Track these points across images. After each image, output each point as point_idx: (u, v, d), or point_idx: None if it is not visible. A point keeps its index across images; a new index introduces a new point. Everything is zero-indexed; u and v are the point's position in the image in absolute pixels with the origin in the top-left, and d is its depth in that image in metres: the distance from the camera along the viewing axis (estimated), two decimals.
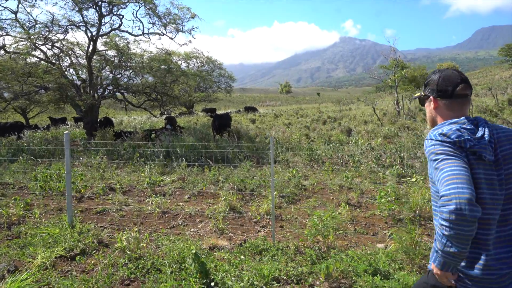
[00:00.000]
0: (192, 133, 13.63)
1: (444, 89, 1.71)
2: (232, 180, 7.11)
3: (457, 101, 1.70)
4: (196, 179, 7.59)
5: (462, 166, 1.48)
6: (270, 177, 7.47)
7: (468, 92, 1.71)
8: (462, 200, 1.38)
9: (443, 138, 1.58)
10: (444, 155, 1.52)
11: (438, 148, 1.56)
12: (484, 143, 1.54)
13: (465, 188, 1.40)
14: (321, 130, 16.24)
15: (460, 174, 1.44)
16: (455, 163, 1.49)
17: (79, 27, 14.91)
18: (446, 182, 1.44)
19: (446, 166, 1.49)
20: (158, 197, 6.53)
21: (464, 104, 1.72)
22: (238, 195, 6.46)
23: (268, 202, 5.97)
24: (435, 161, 1.55)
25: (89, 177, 7.99)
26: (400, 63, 17.62)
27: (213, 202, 6.32)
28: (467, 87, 1.70)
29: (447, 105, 1.72)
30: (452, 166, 1.47)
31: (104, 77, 16.51)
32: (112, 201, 6.37)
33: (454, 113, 1.71)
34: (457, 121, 1.64)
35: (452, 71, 1.74)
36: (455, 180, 1.42)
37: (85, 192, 6.82)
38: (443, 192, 1.44)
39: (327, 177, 7.72)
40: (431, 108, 1.81)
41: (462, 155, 1.53)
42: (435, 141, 1.60)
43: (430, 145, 1.62)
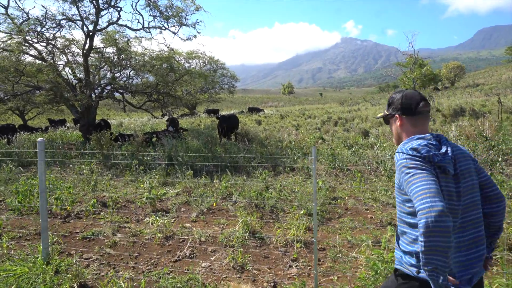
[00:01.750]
0: (197, 136, 12.51)
1: (408, 107, 1.84)
2: (248, 193, 5.97)
3: (419, 118, 1.83)
4: (205, 191, 6.45)
5: (432, 179, 1.58)
6: (292, 190, 6.34)
7: (428, 109, 1.85)
8: (436, 213, 1.45)
9: (414, 152, 1.67)
10: (416, 169, 1.62)
11: (410, 162, 1.66)
12: (448, 158, 1.67)
13: (437, 201, 1.49)
14: (335, 132, 15.09)
15: (432, 187, 1.54)
16: (426, 177, 1.59)
17: (74, 21, 13.81)
18: (420, 197, 1.53)
19: (418, 180, 1.58)
20: (159, 215, 5.40)
21: (426, 120, 1.85)
22: (256, 212, 5.33)
23: (295, 223, 4.84)
24: (407, 174, 1.64)
25: (79, 188, 6.87)
26: (418, 61, 16.43)
27: (226, 222, 5.18)
28: (427, 104, 1.83)
29: (411, 122, 1.84)
30: (424, 180, 1.57)
31: (102, 76, 15.41)
32: (104, 221, 5.24)
33: (417, 128, 1.83)
34: (424, 136, 1.75)
35: (412, 91, 1.90)
36: (428, 194, 1.52)
37: (72, 209, 5.69)
38: (419, 207, 1.51)
39: (358, 188, 6.58)
40: (396, 125, 1.91)
41: (431, 168, 1.63)
42: (407, 155, 1.69)
43: (402, 158, 1.70)
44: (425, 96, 1.85)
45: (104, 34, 14.60)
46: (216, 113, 36.65)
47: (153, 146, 10.81)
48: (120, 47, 14.42)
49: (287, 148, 9.54)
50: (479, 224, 1.73)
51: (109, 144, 10.93)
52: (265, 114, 33.37)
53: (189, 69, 15.73)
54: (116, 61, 15.14)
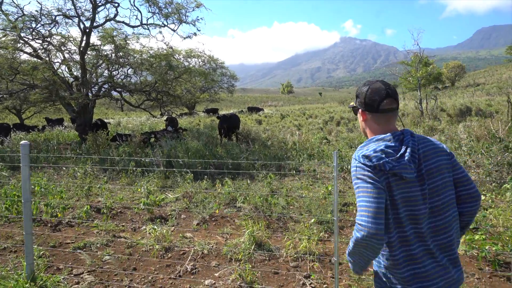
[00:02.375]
0: (197, 137, 12.09)
1: (371, 103, 1.69)
2: (253, 199, 5.57)
3: (383, 115, 1.68)
4: (206, 196, 6.05)
5: (375, 196, 1.53)
6: (299, 195, 5.94)
7: (394, 106, 1.68)
8: (367, 234, 1.49)
9: (365, 161, 1.58)
10: (362, 181, 1.57)
11: (359, 172, 1.60)
12: (403, 162, 1.55)
13: (373, 224, 1.49)
14: (339, 132, 14.69)
15: (372, 206, 1.51)
16: (371, 192, 1.54)
17: (70, 18, 13.37)
18: (360, 212, 1.54)
19: (362, 194, 1.56)
20: (157, 223, 5.00)
21: (390, 118, 1.70)
22: (263, 220, 4.93)
23: (306, 233, 4.44)
24: (355, 184, 1.61)
25: (72, 192, 6.45)
26: (424, 59, 16.06)
27: (231, 232, 4.77)
28: (392, 101, 1.68)
29: (374, 119, 1.71)
30: (367, 197, 1.54)
31: (99, 74, 14.96)
32: (97, 230, 4.84)
33: (380, 126, 1.70)
34: (383, 137, 1.63)
35: (380, 85, 1.71)
36: (367, 213, 1.51)
37: (64, 216, 5.28)
38: (358, 220, 1.54)
39: None
40: (360, 120, 1.81)
41: (381, 179, 1.55)
42: (358, 162, 1.62)
43: (353, 165, 1.65)
44: (393, 91, 1.68)
45: (102, 31, 14.17)
46: (215, 112, 36.21)
47: (151, 147, 10.40)
48: (117, 44, 13.99)
49: (292, 149, 9.13)
50: (450, 228, 1.63)
51: (106, 144, 10.51)
52: (265, 113, 32.96)
53: (189, 67, 15.27)
54: (114, 58, 14.70)
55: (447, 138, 10.69)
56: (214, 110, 37.58)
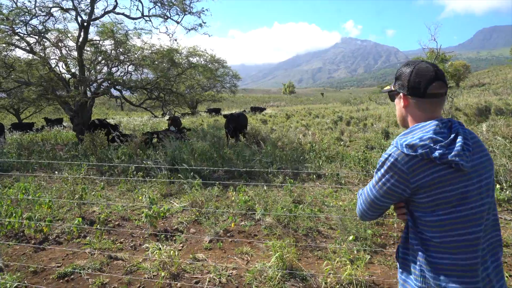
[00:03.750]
0: (202, 137, 11.27)
1: (416, 86, 1.46)
2: (274, 209, 4.74)
3: (430, 101, 1.46)
4: (218, 206, 5.22)
5: (385, 200, 1.45)
6: (324, 203, 5.11)
7: (443, 91, 1.46)
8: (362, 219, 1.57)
9: (408, 151, 1.36)
10: (387, 175, 1.41)
11: (392, 163, 1.39)
12: (458, 149, 1.32)
13: (366, 217, 1.54)
14: (352, 132, 13.85)
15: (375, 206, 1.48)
16: (386, 192, 1.43)
17: (67, 10, 12.56)
18: (362, 198, 1.52)
19: (376, 188, 1.46)
20: (162, 240, 4.18)
21: (438, 105, 1.47)
22: (289, 237, 4.10)
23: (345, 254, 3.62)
24: (378, 172, 1.46)
25: (64, 200, 5.63)
26: (440, 56, 15.24)
27: (252, 251, 3.94)
28: (442, 85, 1.45)
29: (418, 105, 1.48)
30: (377, 193, 1.46)
31: (98, 71, 14.14)
32: (90, 249, 4.01)
33: (425, 113, 1.48)
34: (430, 123, 1.41)
35: (426, 65, 1.48)
36: (367, 208, 1.50)
37: (51, 231, 4.45)
38: (358, 198, 1.56)
39: None
40: (400, 106, 1.56)
41: (417, 178, 1.35)
42: (397, 150, 1.40)
43: (388, 153, 1.43)
44: (442, 74, 1.45)
45: (101, 27, 13.37)
46: (217, 112, 35.46)
47: (154, 147, 9.58)
48: (117, 39, 13.18)
49: (310, 151, 8.30)
50: (499, 226, 1.46)
51: (104, 145, 9.70)
52: (269, 113, 32.16)
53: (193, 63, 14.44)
54: (114, 55, 13.90)
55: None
56: (216, 110, 36.83)
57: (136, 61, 13.98)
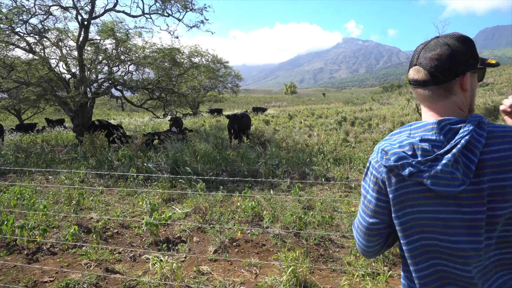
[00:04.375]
0: (204, 138, 10.99)
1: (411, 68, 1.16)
2: (284, 217, 4.45)
3: (414, 91, 1.15)
4: (223, 212, 4.93)
5: (370, 214, 1.18)
6: (335, 209, 4.83)
7: (419, 78, 1.10)
8: (360, 251, 1.30)
9: (382, 157, 1.12)
10: (364, 186, 1.22)
11: (369, 171, 1.19)
12: (438, 168, 1.00)
13: (361, 244, 1.26)
14: (357, 133, 13.55)
15: (362, 225, 1.22)
16: (366, 206, 1.20)
17: (66, 9, 12.31)
18: (355, 221, 1.29)
19: (360, 204, 1.25)
20: (164, 249, 3.90)
21: (427, 97, 1.10)
22: (300, 247, 3.81)
23: (361, 266, 3.33)
24: (362, 186, 1.25)
25: (61, 205, 5.35)
26: None
27: (260, 263, 3.65)
28: (416, 70, 1.11)
29: (416, 96, 1.16)
30: (361, 210, 1.23)
31: (98, 70, 13.88)
32: (87, 260, 3.73)
33: (425, 108, 1.14)
34: (425, 125, 1.07)
35: (433, 40, 1.10)
36: (358, 230, 1.26)
37: (45, 241, 4.17)
38: (354, 230, 1.31)
39: None
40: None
41: (393, 188, 1.09)
42: (375, 157, 1.17)
43: (370, 158, 1.20)
44: (425, 58, 1.07)
45: (102, 26, 13.11)
46: (219, 112, 35.20)
47: (155, 149, 9.31)
48: (118, 38, 12.93)
49: (318, 153, 8.00)
50: None
51: (106, 146, 9.43)
52: (271, 114, 31.87)
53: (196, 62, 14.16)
54: (114, 54, 13.64)
55: None
56: (218, 110, 36.58)
57: (137, 60, 13.73)
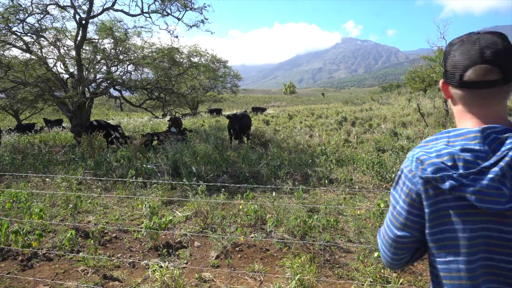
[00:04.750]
0: (204, 138, 10.85)
1: (452, 71, 1.02)
2: (287, 220, 4.32)
3: (468, 94, 0.99)
4: (225, 215, 4.80)
5: (400, 227, 1.07)
6: (340, 212, 4.70)
7: (488, 79, 0.95)
8: (385, 263, 1.19)
9: (417, 167, 1.00)
10: (395, 196, 1.09)
11: (401, 180, 1.07)
12: (484, 183, 0.89)
13: (388, 257, 1.15)
14: (358, 133, 13.42)
15: (390, 238, 1.10)
16: (395, 218, 1.08)
17: (64, 8, 12.16)
18: (381, 232, 1.17)
19: (388, 214, 1.12)
20: (164, 255, 3.76)
21: (485, 100, 0.98)
22: (305, 253, 3.68)
23: (370, 274, 3.20)
24: (391, 192, 1.13)
25: (58, 208, 5.21)
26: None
27: (264, 270, 3.51)
28: (488, 70, 0.95)
29: (458, 98, 1.03)
30: (389, 221, 1.11)
31: (97, 70, 13.72)
32: (84, 266, 3.59)
33: (468, 113, 1.01)
34: (466, 133, 0.96)
35: (477, 38, 0.99)
36: (385, 243, 1.14)
37: (41, 246, 4.03)
38: (378, 235, 1.20)
39: None
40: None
41: (430, 202, 0.98)
42: (408, 166, 1.04)
43: (402, 167, 1.08)
44: (497, 53, 0.94)
45: (100, 25, 12.95)
46: (218, 112, 35.06)
47: (154, 150, 9.17)
48: (116, 37, 12.77)
49: (321, 154, 7.87)
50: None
51: (104, 147, 9.28)
52: (271, 114, 31.75)
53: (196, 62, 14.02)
54: (113, 53, 13.49)
55: None
56: (217, 110, 36.43)
57: (136, 60, 13.58)
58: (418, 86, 40.26)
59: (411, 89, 42.51)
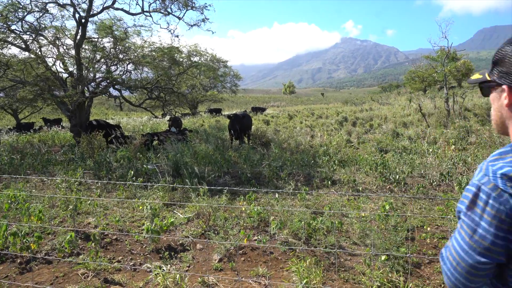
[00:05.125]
0: (205, 139, 10.77)
1: None
2: (291, 223, 4.24)
3: None
4: (227, 217, 4.72)
5: (483, 253, 0.96)
6: (343, 214, 4.63)
7: None
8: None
9: (505, 184, 0.90)
10: (477, 220, 0.96)
11: (482, 200, 0.95)
12: None
13: (460, 285, 1.03)
14: (359, 133, 13.36)
15: (467, 264, 0.99)
16: (483, 246, 0.96)
17: (63, 6, 12.06)
18: (451, 262, 1.04)
19: (461, 237, 1.01)
20: (166, 258, 3.68)
21: None
22: (310, 256, 3.60)
23: (377, 278, 3.12)
24: (460, 213, 1.03)
25: (57, 210, 5.12)
26: (451, 54, 14.75)
27: (269, 273, 3.44)
28: None
29: None
30: (467, 245, 0.99)
31: (96, 69, 13.62)
32: (84, 269, 3.50)
33: None
34: None
35: None
36: (455, 267, 1.02)
37: (40, 248, 3.94)
38: (445, 265, 1.07)
39: (439, 211, 4.85)
40: (502, 103, 1.05)
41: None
42: (488, 183, 0.93)
43: (476, 184, 0.97)
44: None
45: (100, 24, 12.86)
46: (218, 112, 34.98)
47: (154, 150, 9.08)
48: (116, 36, 12.68)
49: (324, 155, 7.80)
50: None
51: (104, 147, 9.19)
52: (271, 114, 31.67)
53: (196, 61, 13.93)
54: (113, 53, 13.39)
55: (488, 141, 9.35)
56: (217, 110, 36.36)
57: (136, 59, 13.49)
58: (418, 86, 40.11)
59: (411, 89, 42.37)
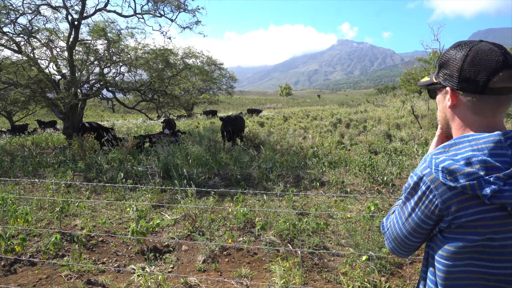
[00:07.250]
0: (197, 141, 10.78)
1: (472, 77, 0.99)
2: (276, 224, 4.28)
3: (491, 100, 1.00)
4: (214, 218, 4.74)
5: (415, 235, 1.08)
6: (330, 215, 4.67)
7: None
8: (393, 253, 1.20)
9: (445, 178, 0.94)
10: (413, 206, 1.05)
11: (419, 192, 1.02)
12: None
13: (398, 253, 1.17)
14: (352, 135, 13.43)
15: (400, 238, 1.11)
16: (412, 227, 1.07)
17: (56, 8, 12.06)
18: (389, 228, 1.16)
19: (402, 217, 1.10)
20: (150, 259, 3.70)
21: (503, 107, 1.01)
22: (293, 256, 3.64)
23: (358, 278, 3.16)
24: (403, 201, 1.09)
25: (45, 212, 5.13)
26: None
27: (251, 274, 3.47)
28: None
29: (474, 105, 1.02)
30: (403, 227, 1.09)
31: (90, 71, 13.62)
32: (68, 271, 3.52)
33: (482, 118, 1.02)
34: (487, 137, 0.96)
35: (489, 46, 1.00)
36: (393, 240, 1.14)
37: (25, 250, 3.95)
38: (382, 229, 1.20)
39: None
40: (445, 104, 1.10)
41: (461, 213, 0.95)
42: (430, 175, 0.98)
43: (418, 176, 1.02)
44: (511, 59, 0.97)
45: (93, 26, 12.86)
46: (214, 114, 35.02)
47: (146, 152, 9.09)
48: (109, 38, 12.69)
49: (313, 156, 7.84)
50: None
51: (96, 149, 9.18)
52: (266, 115, 31.74)
53: (189, 64, 13.96)
54: (106, 55, 13.39)
55: None
56: (212, 112, 36.39)
57: (129, 61, 13.50)
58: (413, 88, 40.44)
59: (406, 91, 42.68)
